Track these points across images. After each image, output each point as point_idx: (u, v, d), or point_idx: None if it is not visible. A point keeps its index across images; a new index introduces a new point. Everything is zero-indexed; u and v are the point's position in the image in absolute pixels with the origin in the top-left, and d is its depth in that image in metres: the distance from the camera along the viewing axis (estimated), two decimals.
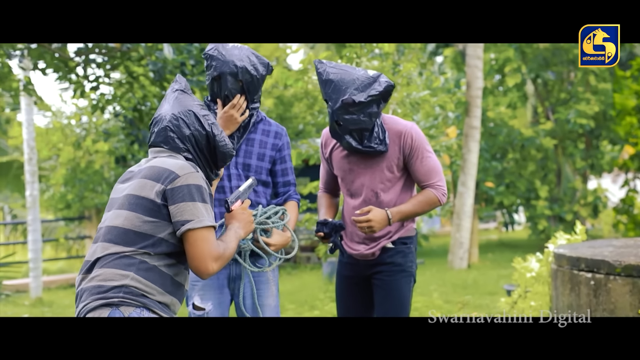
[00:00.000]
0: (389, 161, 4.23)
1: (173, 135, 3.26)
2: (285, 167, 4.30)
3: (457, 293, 11.22)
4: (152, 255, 3.05)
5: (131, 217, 3.08)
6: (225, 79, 4.03)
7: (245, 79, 4.05)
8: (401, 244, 4.31)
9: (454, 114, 16.51)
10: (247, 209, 3.47)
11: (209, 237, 3.08)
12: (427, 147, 4.26)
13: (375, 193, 4.26)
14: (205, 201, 3.12)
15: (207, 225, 3.07)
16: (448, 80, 16.45)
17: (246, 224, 3.43)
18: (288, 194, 4.30)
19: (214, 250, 3.08)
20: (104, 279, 3.01)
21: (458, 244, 15.17)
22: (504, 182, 18.52)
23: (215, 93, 4.13)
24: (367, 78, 4.06)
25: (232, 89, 4.05)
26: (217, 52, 4.06)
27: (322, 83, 4.14)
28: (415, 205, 4.22)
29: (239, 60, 4.05)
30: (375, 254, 4.29)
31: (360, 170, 4.29)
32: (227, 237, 3.25)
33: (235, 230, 3.35)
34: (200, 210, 3.07)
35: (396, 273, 4.27)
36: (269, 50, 17.07)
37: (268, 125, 4.28)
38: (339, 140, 4.21)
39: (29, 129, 12.63)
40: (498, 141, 18.19)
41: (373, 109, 4.07)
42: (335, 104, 4.07)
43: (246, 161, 4.17)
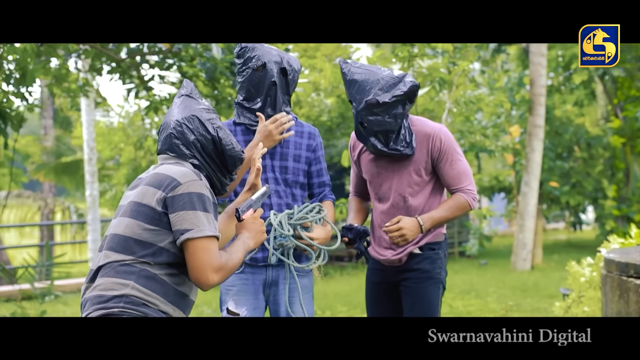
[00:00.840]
0: (417, 164, 4.10)
1: (178, 142, 3.18)
2: (320, 168, 4.20)
3: (516, 296, 10.98)
4: (152, 265, 2.97)
5: (132, 225, 3.00)
6: (271, 67, 3.93)
7: (289, 69, 3.99)
8: (429, 250, 4.17)
9: (517, 113, 16.18)
10: (258, 219, 3.32)
11: (210, 247, 2.96)
12: (457, 149, 4.12)
13: (403, 197, 4.13)
14: (207, 210, 3.01)
15: (208, 235, 2.96)
16: (511, 78, 16.12)
17: (256, 234, 3.28)
18: (323, 193, 4.20)
19: (215, 261, 2.96)
20: (105, 288, 2.95)
21: (521, 244, 14.88)
22: (570, 182, 18.10)
23: (255, 86, 3.99)
24: (391, 78, 3.94)
25: (278, 79, 3.95)
26: (257, 45, 3.99)
27: (347, 83, 4.04)
28: (446, 210, 4.08)
29: (279, 53, 4.01)
30: (402, 260, 4.16)
31: (387, 174, 4.16)
32: (232, 248, 3.13)
33: (244, 241, 3.21)
34: (201, 220, 2.97)
35: (424, 280, 4.13)
36: (329, 49, 17.01)
37: (300, 126, 4.18)
38: (364, 142, 4.10)
39: (88, 130, 12.78)
40: (564, 140, 17.78)
41: (398, 110, 3.95)
42: (359, 104, 3.97)
43: (283, 164, 4.08)
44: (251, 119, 4.02)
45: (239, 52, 4.02)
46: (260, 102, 3.99)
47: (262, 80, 3.96)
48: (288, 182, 4.07)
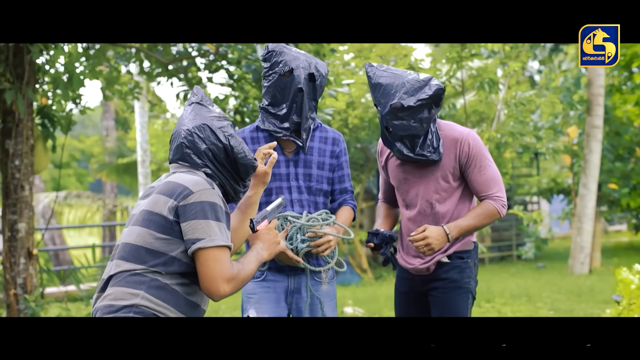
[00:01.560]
0: (444, 170, 4.00)
1: (189, 152, 3.14)
2: (342, 174, 4.12)
3: (570, 301, 10.74)
4: (163, 274, 2.93)
5: (143, 234, 2.97)
6: (298, 73, 3.84)
7: (317, 74, 3.89)
8: (457, 259, 4.05)
9: (575, 113, 15.84)
10: (273, 230, 3.29)
11: (221, 257, 2.93)
12: (485, 155, 4.01)
13: (430, 204, 4.03)
14: (219, 219, 2.98)
15: (219, 244, 2.93)
16: (567, 78, 15.81)
17: (270, 245, 3.24)
18: (343, 198, 4.12)
19: (227, 271, 2.94)
20: (115, 298, 2.93)
21: (579, 248, 14.58)
22: (631, 184, 17.66)
23: (281, 92, 3.90)
24: (417, 82, 3.86)
25: (305, 84, 3.86)
26: (285, 48, 3.90)
27: (372, 87, 3.96)
28: (474, 218, 3.96)
29: (307, 57, 3.91)
30: (430, 269, 4.06)
31: (414, 180, 4.07)
32: (245, 258, 3.10)
33: (258, 252, 3.18)
34: (212, 229, 2.94)
35: (452, 290, 4.03)
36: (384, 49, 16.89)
37: (325, 132, 4.10)
38: (390, 147, 4.01)
39: (142, 132, 12.88)
40: (624, 141, 17.35)
41: (424, 114, 3.86)
42: (384, 108, 3.89)
43: (307, 171, 4.01)
44: (276, 125, 3.94)
45: (266, 55, 3.93)
46: (286, 108, 3.90)
47: (289, 86, 3.87)
48: (312, 190, 3.99)
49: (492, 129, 9.38)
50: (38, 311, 7.50)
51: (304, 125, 3.93)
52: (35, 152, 7.90)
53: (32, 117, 7.76)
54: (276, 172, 3.96)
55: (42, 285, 8.13)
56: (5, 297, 7.78)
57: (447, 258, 4.04)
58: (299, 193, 3.96)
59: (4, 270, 7.77)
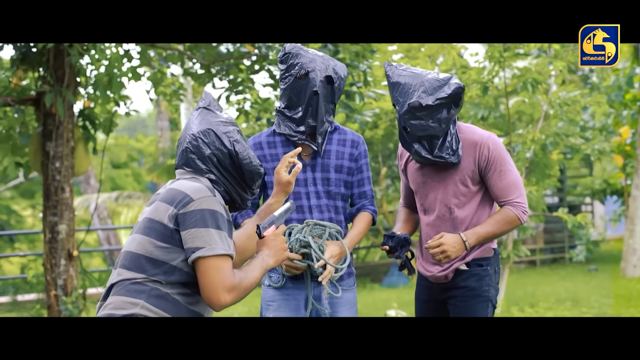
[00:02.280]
0: (463, 174, 3.88)
1: (193, 157, 3.08)
2: (362, 178, 4.01)
3: (618, 305, 10.49)
4: (164, 284, 2.89)
5: (144, 242, 2.93)
6: (314, 76, 3.76)
7: (334, 77, 3.81)
8: (476, 266, 3.93)
9: (628, 113, 15.51)
10: (280, 236, 3.16)
11: (222, 266, 2.86)
12: (506, 159, 3.87)
13: (449, 209, 3.91)
14: (220, 228, 2.91)
15: (220, 253, 2.86)
16: (618, 77, 15.47)
17: (277, 251, 3.12)
18: (362, 203, 4.01)
19: (227, 281, 2.86)
20: (115, 307, 2.89)
21: (631, 250, 14.24)
22: None
23: (296, 95, 3.82)
24: (436, 81, 3.75)
25: (322, 87, 3.78)
26: (301, 50, 3.82)
27: (391, 86, 3.85)
28: (492, 225, 3.83)
29: (324, 60, 3.83)
30: (448, 277, 3.94)
31: (433, 184, 3.95)
32: (250, 266, 3.01)
33: (263, 259, 3.07)
34: (213, 238, 2.87)
35: (470, 298, 3.90)
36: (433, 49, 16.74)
37: (343, 134, 4.00)
38: (408, 149, 3.90)
39: None
40: None
41: (442, 114, 3.74)
42: (402, 107, 3.77)
43: (325, 175, 3.91)
44: (292, 128, 3.86)
45: (282, 57, 3.86)
46: (302, 111, 3.82)
47: (304, 89, 3.79)
48: (331, 194, 3.90)
49: (537, 130, 9.21)
50: (75, 312, 7.55)
51: (319, 129, 3.84)
52: (76, 154, 7.96)
53: (72, 119, 7.82)
54: None
55: (83, 287, 8.18)
56: (47, 299, 7.86)
57: (465, 265, 3.93)
58: (317, 198, 3.88)
59: (45, 271, 7.85)
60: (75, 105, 8.04)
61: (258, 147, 3.97)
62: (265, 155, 3.94)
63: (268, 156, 3.94)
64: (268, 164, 3.92)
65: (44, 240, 7.79)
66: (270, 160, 3.93)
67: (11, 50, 7.79)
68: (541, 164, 9.33)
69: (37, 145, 7.79)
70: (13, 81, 7.81)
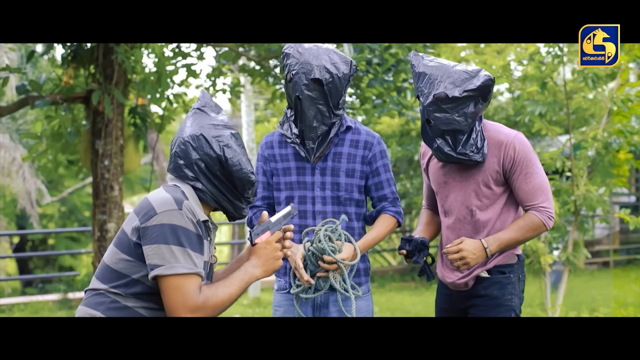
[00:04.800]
0: (486, 175, 3.65)
1: (181, 163, 2.91)
2: (380, 181, 3.79)
3: None
4: (124, 296, 2.77)
5: (111, 253, 2.83)
6: (297, 80, 3.56)
7: (325, 77, 3.56)
8: (498, 274, 3.71)
9: None
10: (273, 243, 2.93)
11: (183, 285, 2.70)
12: (533, 161, 3.64)
13: (470, 211, 3.69)
14: (182, 244, 2.72)
15: (179, 272, 2.69)
16: None
17: (267, 260, 2.90)
18: (382, 205, 3.79)
19: (189, 301, 2.69)
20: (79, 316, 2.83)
21: None
22: None
23: (289, 97, 3.68)
24: (464, 72, 3.53)
25: (306, 91, 3.55)
26: (293, 50, 3.63)
27: (415, 76, 3.64)
28: (515, 231, 3.60)
29: (315, 58, 3.57)
30: (468, 284, 3.73)
31: (454, 184, 3.74)
32: (226, 281, 2.82)
33: (247, 270, 2.87)
34: (174, 255, 2.70)
35: (492, 308, 3.68)
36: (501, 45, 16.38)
37: (357, 134, 3.78)
38: (430, 144, 3.66)
39: (248, 130, 12.89)
40: None
41: (469, 108, 3.51)
42: (426, 99, 3.55)
43: (334, 180, 3.71)
44: (290, 129, 3.70)
45: (282, 56, 3.71)
46: (294, 114, 3.68)
47: (291, 92, 3.62)
48: (340, 200, 3.71)
49: (600, 128, 8.87)
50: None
51: (308, 134, 3.63)
52: (126, 152, 7.96)
53: (121, 117, 7.82)
54: (301, 179, 3.73)
55: None
56: None
57: (486, 273, 3.71)
58: (322, 204, 3.71)
59: (94, 269, 7.87)
60: (129, 103, 8.06)
61: (269, 146, 3.84)
62: (275, 155, 3.80)
63: (278, 156, 3.80)
64: (278, 164, 3.79)
65: (93, 239, 7.80)
66: (280, 161, 3.79)
67: (61, 49, 7.84)
68: (605, 163, 9.00)
69: (86, 143, 7.81)
70: (63, 79, 7.84)
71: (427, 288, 13.62)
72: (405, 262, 3.88)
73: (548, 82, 8.62)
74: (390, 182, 3.82)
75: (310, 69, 3.56)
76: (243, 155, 2.94)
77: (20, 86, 7.71)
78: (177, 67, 8.35)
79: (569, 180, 9.22)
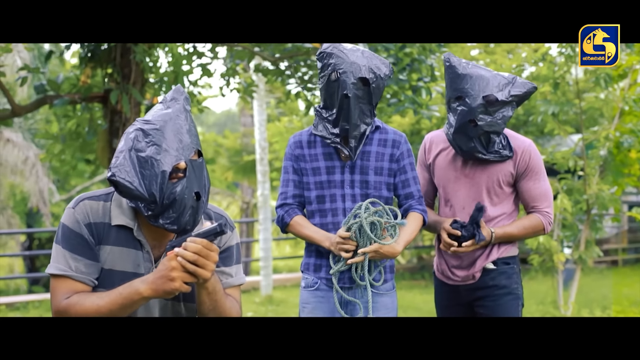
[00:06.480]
0: (499, 174, 3.87)
1: None
2: (406, 178, 3.85)
3: None
4: None
5: None
6: (345, 79, 3.60)
7: (370, 77, 3.64)
8: (504, 265, 3.92)
9: None
10: (173, 260, 2.42)
11: (55, 286, 2.57)
12: (543, 170, 3.91)
13: None
14: (59, 243, 2.59)
15: (50, 272, 2.58)
16: None
17: (158, 278, 2.44)
18: (409, 204, 3.85)
19: (54, 304, 2.56)
20: None
21: None
22: None
23: (330, 96, 3.69)
24: (504, 78, 3.76)
25: (354, 89, 3.61)
26: (336, 50, 3.68)
27: (457, 77, 3.78)
28: (520, 229, 3.87)
29: (361, 59, 3.65)
30: (475, 277, 3.91)
31: (466, 180, 3.92)
32: (108, 292, 2.53)
33: (132, 284, 2.49)
34: (57, 254, 2.59)
35: (501, 296, 3.88)
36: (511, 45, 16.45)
37: (385, 133, 3.85)
38: (464, 143, 3.82)
39: (260, 130, 12.94)
40: None
41: (508, 112, 3.75)
42: (474, 100, 3.71)
43: (363, 178, 3.78)
44: (328, 130, 3.74)
45: (319, 56, 3.75)
46: (335, 113, 3.69)
47: (336, 90, 3.64)
48: (369, 197, 3.75)
49: (612, 127, 8.94)
50: None
51: (352, 132, 3.69)
52: None
53: (139, 116, 7.89)
54: (331, 178, 3.79)
55: None
56: None
57: (492, 264, 3.90)
58: (352, 202, 3.75)
59: None
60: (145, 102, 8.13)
61: (298, 145, 3.88)
62: (305, 155, 3.85)
63: (307, 156, 3.85)
64: (307, 164, 3.84)
65: None
66: (310, 161, 3.84)
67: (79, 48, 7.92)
68: (617, 162, 9.08)
69: (104, 142, 7.88)
70: (81, 79, 7.92)
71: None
72: (445, 246, 3.92)
73: (560, 82, 8.70)
74: (416, 180, 3.89)
75: (358, 69, 3.62)
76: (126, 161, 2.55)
77: (39, 86, 7.80)
78: (192, 67, 8.42)
79: (581, 179, 9.29)
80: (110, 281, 2.59)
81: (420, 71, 7.99)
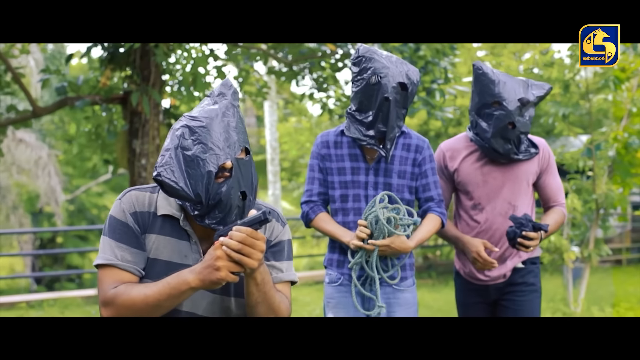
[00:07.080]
0: (527, 174, 4.09)
1: None
2: (427, 182, 3.99)
3: None
4: None
5: None
6: (386, 82, 3.69)
7: (407, 82, 3.74)
8: (531, 264, 4.18)
9: None
10: (220, 249, 2.37)
11: (101, 276, 2.55)
12: (555, 165, 4.18)
13: (513, 206, 4.08)
14: (107, 234, 2.57)
15: (97, 263, 2.55)
16: None
17: (205, 269, 2.39)
18: (428, 205, 3.99)
19: (102, 294, 2.51)
20: None
21: None
22: None
23: (367, 99, 3.76)
24: (522, 81, 4.00)
25: (394, 93, 3.71)
26: (375, 54, 3.76)
27: (490, 83, 3.94)
28: (553, 224, 4.10)
29: (399, 65, 3.76)
30: (506, 276, 4.14)
31: (495, 183, 4.10)
32: (151, 283, 2.49)
33: (181, 274, 2.45)
34: (103, 245, 2.57)
35: (529, 293, 4.14)
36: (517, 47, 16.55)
37: (409, 138, 3.98)
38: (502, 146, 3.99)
39: (271, 130, 13.08)
40: None
41: (532, 113, 3.99)
42: (511, 104, 3.90)
43: (387, 180, 3.91)
44: (361, 132, 3.82)
45: (355, 60, 3.80)
46: (372, 116, 3.76)
47: (376, 94, 3.72)
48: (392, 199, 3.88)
49: (620, 128, 9.08)
50: None
51: (389, 135, 3.80)
52: None
53: (158, 117, 8.02)
54: (355, 179, 3.92)
55: None
56: None
57: (521, 264, 4.14)
58: None
59: None
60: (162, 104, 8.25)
61: (325, 145, 3.99)
62: (331, 155, 3.96)
63: (334, 156, 3.96)
64: (332, 164, 3.96)
65: None
66: (335, 161, 3.96)
67: (100, 50, 8.05)
68: (625, 163, 9.21)
69: (124, 142, 8.00)
70: (101, 81, 8.05)
71: (445, 285, 13.83)
72: (484, 265, 4.07)
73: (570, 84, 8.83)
74: (437, 185, 4.02)
75: (398, 74, 3.73)
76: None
77: (60, 87, 7.94)
78: (207, 70, 8.55)
79: (590, 179, 9.42)
80: (156, 271, 2.57)
81: (433, 73, 8.12)
